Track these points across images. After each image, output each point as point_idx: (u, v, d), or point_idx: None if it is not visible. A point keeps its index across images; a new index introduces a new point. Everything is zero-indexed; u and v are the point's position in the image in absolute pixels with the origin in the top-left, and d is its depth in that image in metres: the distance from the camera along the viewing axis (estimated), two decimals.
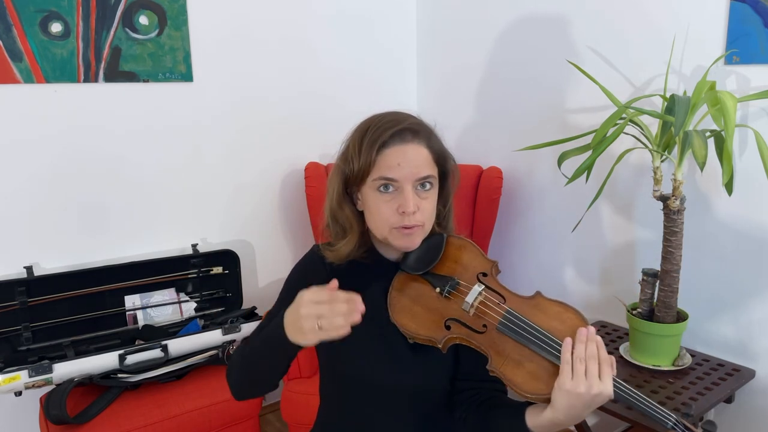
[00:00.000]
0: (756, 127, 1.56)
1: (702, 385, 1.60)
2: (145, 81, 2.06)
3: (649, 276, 1.71)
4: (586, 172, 1.68)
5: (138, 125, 2.08)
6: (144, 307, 2.07)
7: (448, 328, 1.03)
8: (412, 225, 1.03)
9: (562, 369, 0.92)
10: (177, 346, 1.92)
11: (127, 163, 2.08)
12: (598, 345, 0.93)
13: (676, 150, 1.58)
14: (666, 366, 1.69)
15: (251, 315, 2.12)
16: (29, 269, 1.91)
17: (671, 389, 1.58)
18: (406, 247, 1.07)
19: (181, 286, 2.16)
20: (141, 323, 2.06)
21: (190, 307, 2.15)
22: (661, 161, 1.63)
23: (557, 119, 2.15)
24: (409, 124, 1.04)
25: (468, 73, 2.48)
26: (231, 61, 2.23)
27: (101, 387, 1.81)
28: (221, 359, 1.97)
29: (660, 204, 1.64)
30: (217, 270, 2.20)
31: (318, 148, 2.47)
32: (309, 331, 0.90)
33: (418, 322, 1.04)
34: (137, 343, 1.91)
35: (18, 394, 1.76)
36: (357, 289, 1.12)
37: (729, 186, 1.56)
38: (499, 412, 1.04)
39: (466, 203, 2.28)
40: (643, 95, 1.80)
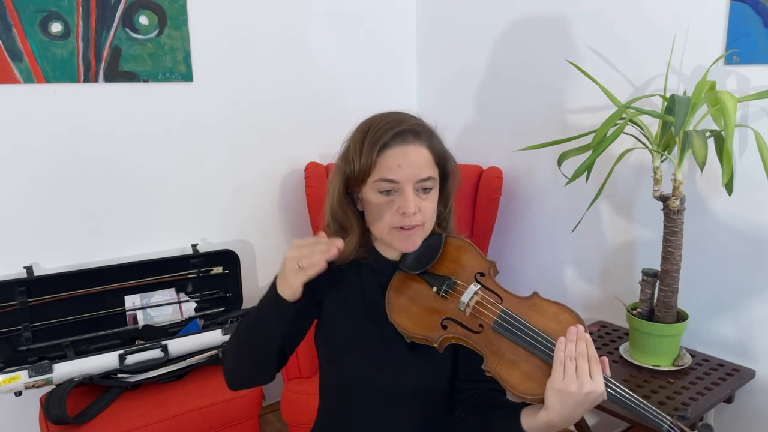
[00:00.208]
0: (756, 127, 1.56)
1: (702, 385, 1.60)
2: (145, 81, 2.06)
3: (649, 276, 1.71)
4: (586, 172, 1.69)
5: (138, 125, 2.08)
6: (144, 307, 2.07)
7: (444, 327, 1.02)
8: (412, 225, 1.03)
9: (554, 368, 0.91)
10: (177, 346, 1.92)
11: (127, 163, 2.08)
12: (587, 343, 0.92)
13: (676, 150, 1.58)
14: (666, 366, 1.69)
15: None
16: (29, 269, 1.91)
17: (671, 389, 1.58)
18: (406, 249, 1.07)
19: (181, 286, 2.16)
20: (141, 323, 2.06)
21: (190, 307, 2.14)
22: (661, 161, 1.63)
23: (557, 119, 2.15)
24: (411, 125, 1.04)
25: (468, 74, 2.48)
26: (231, 61, 2.23)
27: (101, 387, 1.81)
28: (221, 359, 1.97)
29: (660, 204, 1.64)
30: (217, 270, 2.20)
31: (318, 148, 2.47)
32: (290, 273, 0.94)
33: (414, 321, 1.04)
34: (137, 343, 1.91)
35: (18, 394, 1.76)
36: (357, 289, 1.12)
37: (729, 186, 1.56)
38: (497, 412, 1.04)
39: (466, 203, 2.28)
40: (643, 95, 1.80)
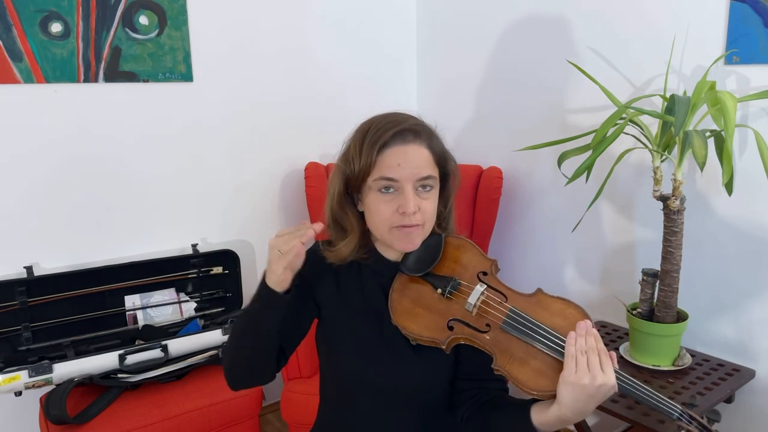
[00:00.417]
0: (756, 127, 1.56)
1: (702, 385, 1.60)
2: (145, 81, 2.06)
3: (649, 276, 1.71)
4: (586, 172, 1.68)
5: (138, 125, 2.08)
6: (144, 307, 2.07)
7: (451, 328, 1.02)
8: (411, 224, 1.03)
9: (565, 363, 0.92)
10: (177, 346, 1.92)
11: (127, 163, 2.08)
12: (595, 338, 0.94)
13: (676, 150, 1.58)
14: (666, 366, 1.69)
15: None
16: (29, 269, 1.91)
17: (671, 389, 1.58)
18: (405, 248, 1.06)
19: (181, 286, 2.16)
20: (141, 323, 2.06)
21: (190, 307, 2.14)
22: (661, 161, 1.63)
23: (557, 119, 2.15)
24: (410, 124, 1.04)
25: (468, 74, 2.47)
26: (231, 61, 2.23)
27: (101, 387, 1.81)
28: (221, 359, 1.97)
29: (660, 204, 1.64)
30: (217, 270, 2.20)
31: (318, 148, 2.47)
32: (273, 261, 0.97)
33: (420, 324, 1.03)
34: (137, 343, 1.91)
35: (18, 394, 1.76)
36: (357, 290, 1.12)
37: (729, 186, 1.56)
38: (503, 411, 1.04)
39: (466, 203, 2.28)
40: (643, 95, 1.80)
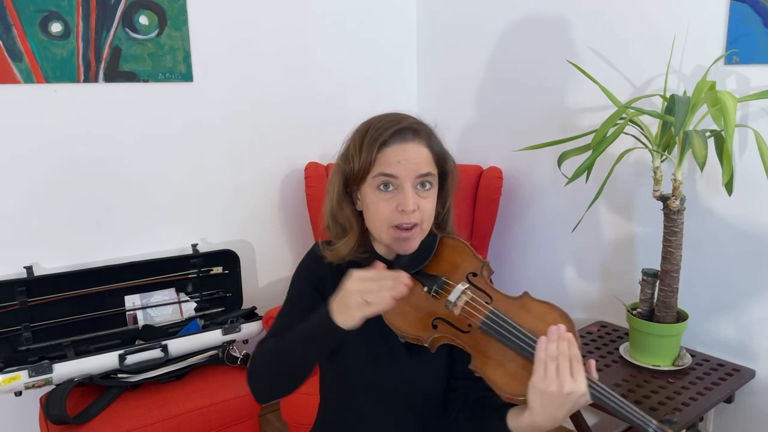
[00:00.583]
0: (756, 127, 1.56)
1: (702, 385, 1.60)
2: (145, 81, 2.06)
3: (649, 276, 1.71)
4: (586, 172, 1.69)
5: (138, 125, 2.08)
6: (144, 307, 2.07)
7: (435, 327, 1.02)
8: (410, 224, 1.03)
9: (534, 368, 0.90)
10: (177, 346, 1.92)
11: (127, 163, 2.08)
12: (569, 343, 0.91)
13: (676, 150, 1.58)
14: (666, 366, 1.69)
15: (251, 315, 2.12)
16: (29, 269, 1.91)
17: (671, 389, 1.58)
18: (403, 250, 1.06)
19: (181, 286, 2.16)
20: (141, 323, 2.06)
21: (190, 307, 2.15)
22: (661, 161, 1.63)
23: (557, 119, 2.15)
24: (410, 123, 1.05)
25: (468, 74, 2.47)
26: (231, 61, 2.23)
27: (101, 387, 1.81)
28: (221, 359, 1.97)
29: (660, 204, 1.64)
30: (217, 270, 2.20)
31: (318, 148, 2.47)
32: (354, 306, 0.91)
33: (407, 320, 1.04)
34: (137, 343, 1.91)
35: (18, 394, 1.76)
36: None
37: (729, 186, 1.56)
38: (487, 412, 1.04)
39: (466, 203, 2.28)
40: (643, 95, 1.80)
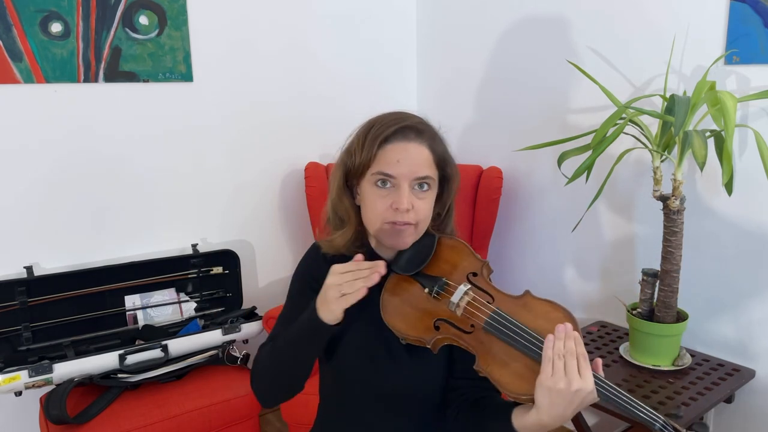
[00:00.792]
0: (756, 127, 1.56)
1: (702, 385, 1.60)
2: (145, 81, 2.06)
3: (649, 276, 1.71)
4: (586, 172, 1.69)
5: (138, 125, 2.08)
6: (144, 307, 2.07)
7: (437, 328, 1.02)
8: (404, 223, 1.03)
9: (542, 366, 0.91)
10: (177, 346, 1.92)
11: (127, 163, 2.08)
12: (576, 341, 0.91)
13: (676, 150, 1.58)
14: (666, 366, 1.69)
15: (251, 315, 2.12)
16: (29, 269, 1.91)
17: (671, 389, 1.58)
18: (396, 246, 1.07)
19: (181, 286, 2.16)
20: (141, 323, 2.06)
21: (190, 307, 2.15)
22: (661, 161, 1.63)
23: (557, 119, 2.15)
24: (414, 122, 1.05)
25: (468, 74, 2.48)
26: (231, 61, 2.23)
27: (101, 387, 1.81)
28: (221, 359, 1.97)
29: (660, 204, 1.64)
30: (217, 270, 2.20)
31: (318, 148, 2.47)
32: (332, 300, 0.94)
33: (408, 322, 1.04)
34: (137, 343, 1.91)
35: (18, 394, 1.76)
36: None
37: (729, 186, 1.56)
38: (488, 411, 1.04)
39: (466, 203, 2.28)
40: (643, 95, 1.80)
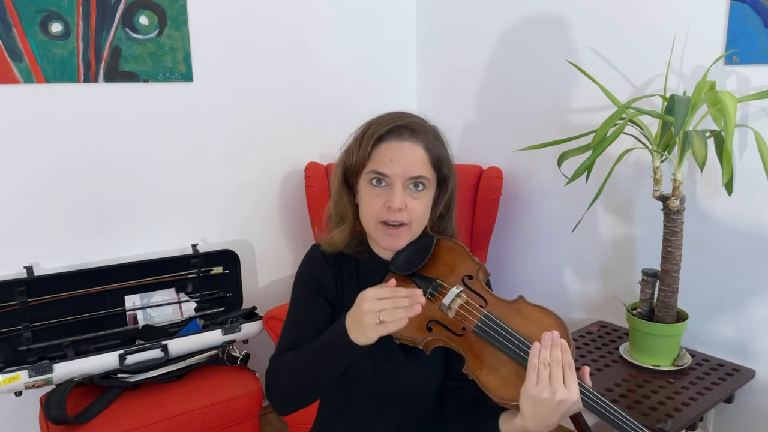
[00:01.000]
0: (756, 127, 1.56)
1: (702, 385, 1.60)
2: (145, 81, 2.06)
3: (649, 276, 1.71)
4: (586, 172, 1.69)
5: (138, 125, 2.08)
6: (144, 307, 2.07)
7: (429, 330, 1.02)
8: (397, 222, 1.03)
9: (527, 374, 0.90)
10: (177, 346, 1.92)
11: (127, 163, 2.08)
12: (563, 349, 0.90)
13: (676, 150, 1.58)
14: (666, 366, 1.69)
15: (251, 315, 2.12)
16: (29, 269, 1.91)
17: (671, 389, 1.58)
18: (390, 247, 1.07)
19: (181, 286, 2.16)
20: (141, 323, 2.06)
21: (190, 307, 2.14)
22: (661, 161, 1.63)
23: (557, 119, 2.15)
24: (410, 122, 1.05)
25: (468, 74, 2.48)
26: (231, 61, 2.23)
27: (101, 387, 1.81)
28: (221, 359, 1.97)
29: (660, 204, 1.64)
30: (217, 270, 2.20)
31: (318, 148, 2.47)
32: (369, 326, 0.90)
33: None
34: (137, 343, 1.91)
35: (18, 394, 1.76)
36: (354, 288, 1.12)
37: (729, 186, 1.56)
38: (478, 414, 1.05)
39: (466, 203, 2.28)
40: (643, 95, 1.80)
